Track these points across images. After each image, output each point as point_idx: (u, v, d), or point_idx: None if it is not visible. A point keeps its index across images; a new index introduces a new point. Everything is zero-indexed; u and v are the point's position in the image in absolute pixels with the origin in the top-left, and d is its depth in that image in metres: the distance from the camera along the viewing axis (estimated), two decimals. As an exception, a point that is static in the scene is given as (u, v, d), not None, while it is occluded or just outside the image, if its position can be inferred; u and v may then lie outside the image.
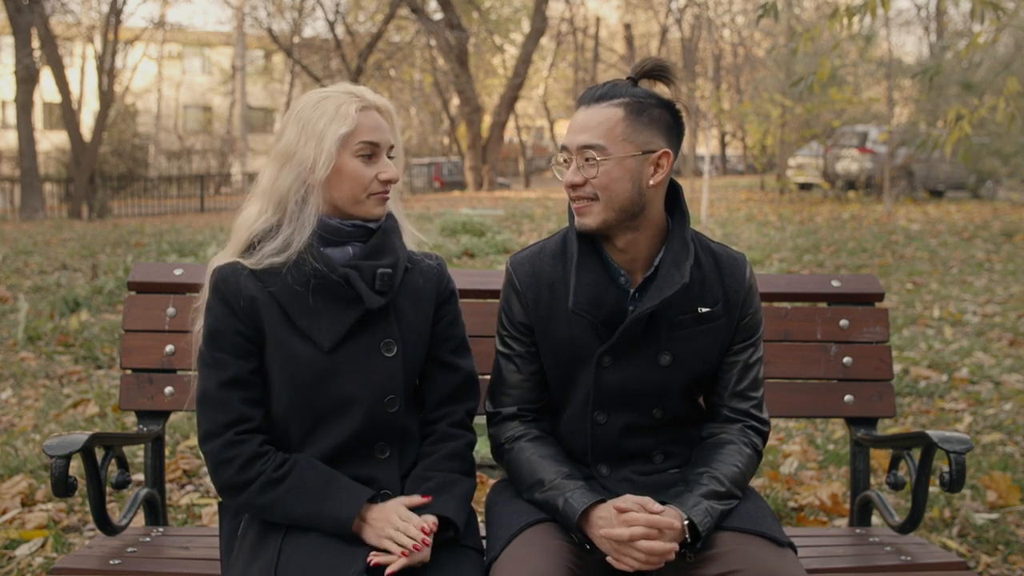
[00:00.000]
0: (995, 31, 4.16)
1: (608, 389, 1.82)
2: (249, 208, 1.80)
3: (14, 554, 2.93)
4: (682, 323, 1.81)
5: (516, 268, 1.88)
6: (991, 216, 14.66)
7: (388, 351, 1.77)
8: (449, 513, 1.71)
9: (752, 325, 1.88)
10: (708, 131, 19.60)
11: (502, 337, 1.91)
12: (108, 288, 7.53)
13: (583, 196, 1.75)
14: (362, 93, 1.78)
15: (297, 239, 1.73)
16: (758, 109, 20.18)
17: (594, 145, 1.72)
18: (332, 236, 1.76)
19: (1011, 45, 13.86)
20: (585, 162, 1.74)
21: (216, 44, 37.34)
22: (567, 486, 1.74)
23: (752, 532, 1.70)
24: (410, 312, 1.82)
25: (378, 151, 1.77)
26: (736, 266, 1.86)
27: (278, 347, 1.73)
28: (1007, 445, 3.97)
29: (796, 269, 9.48)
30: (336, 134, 1.72)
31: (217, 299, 1.74)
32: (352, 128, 1.73)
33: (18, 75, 18.23)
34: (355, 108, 1.74)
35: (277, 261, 1.72)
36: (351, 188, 1.75)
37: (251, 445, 1.70)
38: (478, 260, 9.39)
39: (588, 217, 1.76)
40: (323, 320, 1.73)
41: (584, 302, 1.78)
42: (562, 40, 33.07)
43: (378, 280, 1.75)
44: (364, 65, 23.07)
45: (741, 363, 1.87)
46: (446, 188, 29.03)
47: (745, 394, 1.88)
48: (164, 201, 23.06)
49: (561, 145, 1.79)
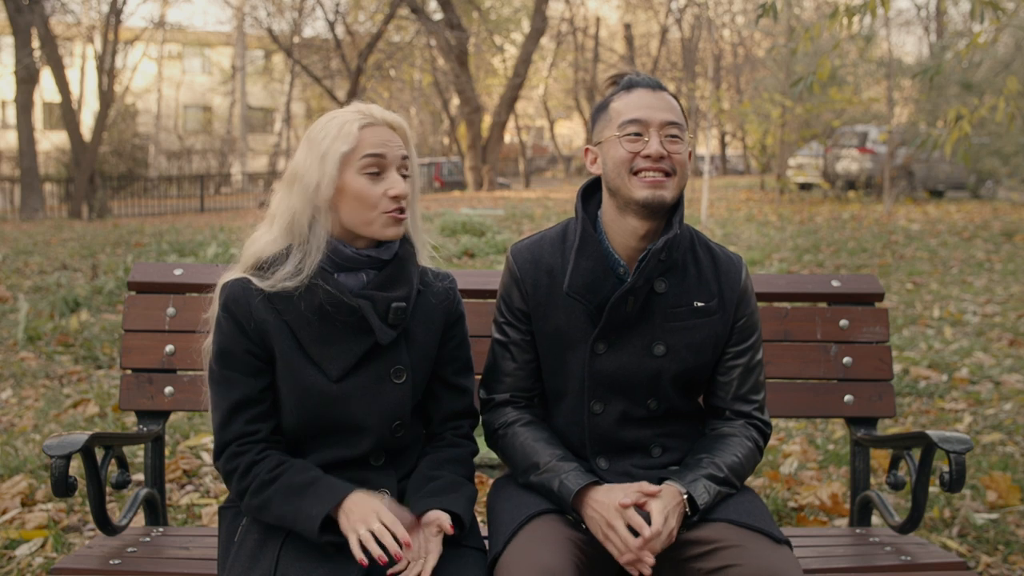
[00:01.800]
0: (995, 31, 4.16)
1: (602, 377, 1.85)
2: (259, 230, 1.78)
3: (14, 554, 2.92)
4: (677, 315, 1.84)
5: (516, 255, 1.91)
6: (991, 216, 14.66)
7: (398, 378, 1.77)
8: (460, 510, 1.70)
9: (750, 327, 1.91)
10: (708, 131, 19.57)
11: (499, 324, 1.93)
12: (108, 288, 7.53)
13: (661, 169, 1.78)
14: (369, 110, 1.75)
15: (308, 264, 1.70)
16: (758, 109, 20.18)
17: (678, 124, 1.80)
18: (345, 263, 1.74)
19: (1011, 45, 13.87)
20: (667, 138, 1.78)
21: (216, 44, 37.34)
22: (562, 468, 1.77)
23: (751, 528, 1.71)
24: (421, 336, 1.81)
25: (385, 165, 1.72)
26: (732, 266, 1.91)
27: (288, 372, 1.73)
28: (1007, 445, 3.97)
29: (796, 269, 9.48)
30: (337, 153, 1.69)
31: (227, 317, 1.72)
32: (353, 145, 1.70)
33: (18, 75, 18.24)
34: (357, 126, 1.71)
35: (289, 285, 1.70)
36: (359, 207, 1.71)
37: (251, 454, 1.71)
38: (478, 260, 9.39)
39: (667, 190, 1.78)
40: (333, 349, 1.72)
41: (579, 286, 1.81)
42: (562, 40, 33.07)
43: (392, 314, 1.73)
44: (364, 65, 23.08)
45: (742, 366, 1.90)
46: (446, 188, 29.02)
47: (747, 397, 1.91)
48: (164, 201, 23.07)
49: (632, 119, 1.79)
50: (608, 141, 1.82)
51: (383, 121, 1.75)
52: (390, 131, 1.75)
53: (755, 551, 1.65)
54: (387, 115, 1.76)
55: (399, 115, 1.79)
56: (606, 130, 1.83)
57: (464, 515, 1.71)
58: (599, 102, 1.89)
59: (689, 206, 17.28)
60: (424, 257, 1.87)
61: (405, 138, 1.78)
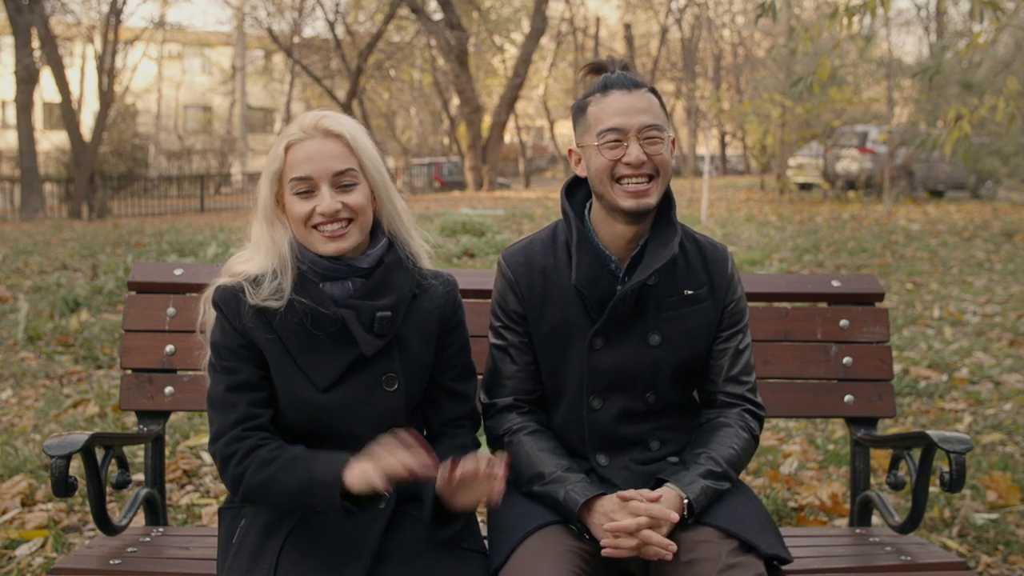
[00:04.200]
0: (995, 31, 4.16)
1: (601, 372, 1.86)
2: (242, 253, 1.80)
3: (14, 554, 2.93)
4: (669, 304, 1.87)
5: (508, 260, 1.93)
6: (991, 216, 14.65)
7: (389, 386, 1.76)
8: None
9: (739, 311, 1.94)
10: (708, 131, 19.60)
11: (496, 329, 1.94)
12: (108, 288, 7.53)
13: (644, 174, 1.79)
14: (304, 122, 1.72)
15: (287, 283, 1.71)
16: (758, 109, 20.18)
17: (656, 125, 1.79)
18: (328, 272, 1.74)
19: (1011, 45, 13.87)
20: (646, 141, 1.78)
21: (216, 44, 37.34)
22: (568, 479, 1.78)
23: (736, 537, 1.70)
24: (414, 342, 1.80)
25: (313, 184, 1.70)
26: (719, 253, 1.95)
27: (279, 379, 1.73)
28: (1007, 445, 3.97)
29: (796, 269, 9.48)
30: (267, 173, 1.73)
31: (221, 317, 1.74)
32: (279, 166, 1.72)
33: (18, 75, 18.24)
34: (283, 146, 1.71)
35: (273, 305, 1.71)
36: (296, 226, 1.73)
37: (252, 440, 1.70)
38: (478, 260, 9.39)
39: (652, 196, 1.80)
40: (319, 360, 1.72)
41: (584, 279, 1.84)
42: (562, 40, 33.06)
43: (376, 323, 1.72)
44: (364, 65, 23.08)
45: (732, 349, 1.93)
46: (446, 188, 29.02)
47: (739, 379, 1.93)
48: (164, 201, 23.06)
49: (609, 127, 1.78)
50: (588, 148, 1.83)
51: (322, 132, 1.71)
52: (327, 142, 1.71)
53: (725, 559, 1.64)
54: (326, 124, 1.72)
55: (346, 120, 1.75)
56: (586, 136, 1.84)
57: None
58: (577, 100, 1.89)
59: (689, 206, 17.27)
60: (423, 259, 1.86)
61: (350, 145, 1.73)
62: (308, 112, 1.77)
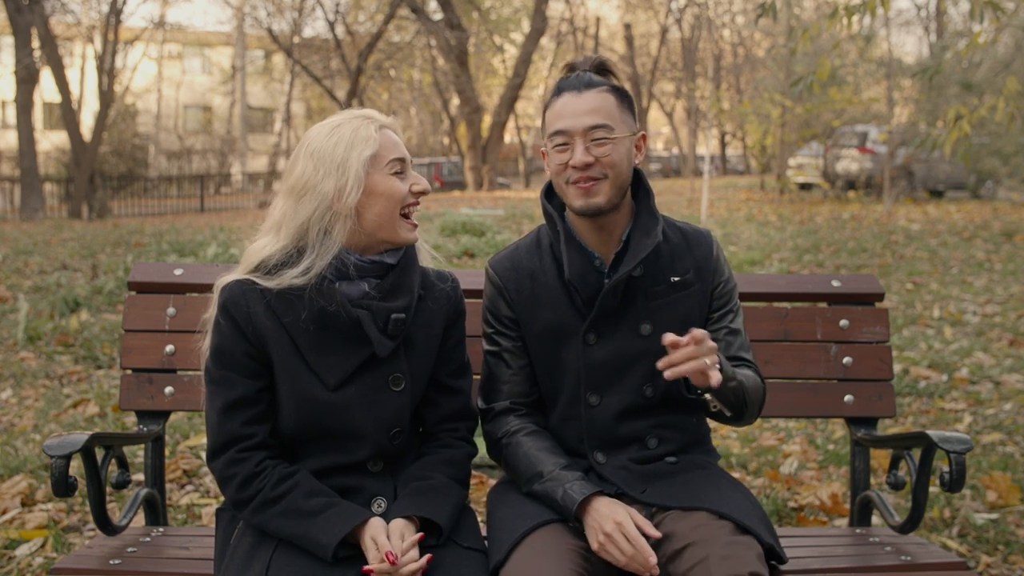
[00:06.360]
0: (995, 31, 4.16)
1: (597, 367, 1.87)
2: (263, 239, 1.77)
3: (14, 554, 2.93)
4: (657, 293, 1.88)
5: (496, 266, 1.95)
6: (991, 216, 14.65)
7: (396, 386, 1.77)
8: (442, 520, 1.70)
9: (728, 292, 1.95)
10: (708, 131, 19.58)
11: (489, 336, 1.96)
12: (108, 288, 7.53)
13: (592, 176, 1.80)
14: (372, 114, 1.78)
15: (319, 264, 1.70)
16: (758, 109, 20.18)
17: (604, 125, 1.79)
18: (349, 271, 1.74)
19: (1011, 45, 13.87)
20: (593, 143, 1.79)
21: (216, 44, 37.35)
22: (566, 477, 1.78)
23: (730, 519, 1.70)
24: (420, 343, 1.81)
25: (406, 166, 1.77)
26: (703, 238, 1.96)
27: (286, 378, 1.72)
28: (1007, 445, 3.97)
29: (796, 269, 9.48)
30: (361, 157, 1.70)
31: (225, 319, 1.72)
32: (376, 148, 1.72)
33: (18, 75, 18.24)
34: (374, 128, 1.74)
35: (298, 283, 1.69)
36: (386, 206, 1.73)
37: (250, 464, 1.70)
38: (478, 260, 9.39)
39: (599, 196, 1.80)
40: (330, 358, 1.72)
41: (576, 275, 1.85)
42: (562, 40, 33.07)
43: (391, 325, 1.73)
44: (364, 65, 23.10)
45: (726, 328, 1.93)
46: (446, 188, 29.01)
47: (739, 356, 1.92)
48: (164, 201, 23.07)
49: (556, 130, 1.81)
50: (548, 151, 1.86)
51: (388, 123, 1.78)
52: (393, 132, 1.79)
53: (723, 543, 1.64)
54: (385, 118, 1.79)
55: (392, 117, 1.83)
56: (545, 139, 1.87)
57: (446, 524, 1.70)
58: (546, 101, 1.92)
59: (689, 206, 17.28)
60: (425, 257, 1.87)
61: (401, 137, 1.82)
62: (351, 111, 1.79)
